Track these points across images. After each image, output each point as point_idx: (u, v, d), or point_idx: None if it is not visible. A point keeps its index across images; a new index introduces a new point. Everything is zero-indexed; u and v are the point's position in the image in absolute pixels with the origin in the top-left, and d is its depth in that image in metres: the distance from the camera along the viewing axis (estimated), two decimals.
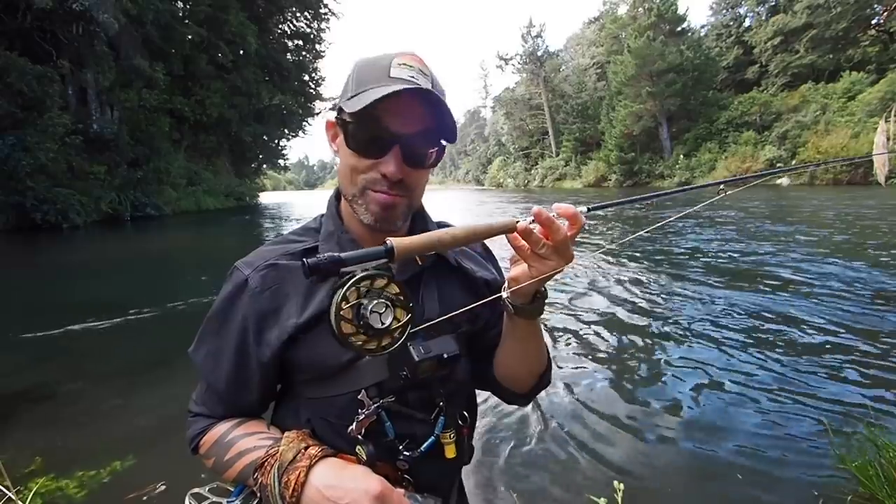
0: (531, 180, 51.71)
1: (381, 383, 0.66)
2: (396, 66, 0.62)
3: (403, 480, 0.67)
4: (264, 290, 0.66)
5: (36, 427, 2.62)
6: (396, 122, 0.62)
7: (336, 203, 0.75)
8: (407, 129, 0.62)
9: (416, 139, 0.63)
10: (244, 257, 0.71)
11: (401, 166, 0.63)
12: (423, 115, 0.63)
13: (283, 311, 0.66)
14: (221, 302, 0.69)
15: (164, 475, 2.08)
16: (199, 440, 0.68)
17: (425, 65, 0.65)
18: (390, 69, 0.61)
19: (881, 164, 2.54)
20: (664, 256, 7.18)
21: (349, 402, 0.66)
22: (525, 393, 0.81)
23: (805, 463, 2.10)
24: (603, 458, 2.21)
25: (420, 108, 0.63)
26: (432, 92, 0.61)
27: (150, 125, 19.21)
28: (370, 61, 0.64)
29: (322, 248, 0.70)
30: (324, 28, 33.67)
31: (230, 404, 0.69)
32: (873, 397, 2.64)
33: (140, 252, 10.42)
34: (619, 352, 3.49)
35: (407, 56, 0.63)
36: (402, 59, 0.62)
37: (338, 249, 0.68)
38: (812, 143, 25.44)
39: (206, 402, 0.70)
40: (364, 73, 0.64)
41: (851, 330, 3.70)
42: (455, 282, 0.76)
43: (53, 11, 14.21)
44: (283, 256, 0.69)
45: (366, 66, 0.64)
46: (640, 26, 36.62)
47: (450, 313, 0.68)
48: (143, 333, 4.37)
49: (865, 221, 9.77)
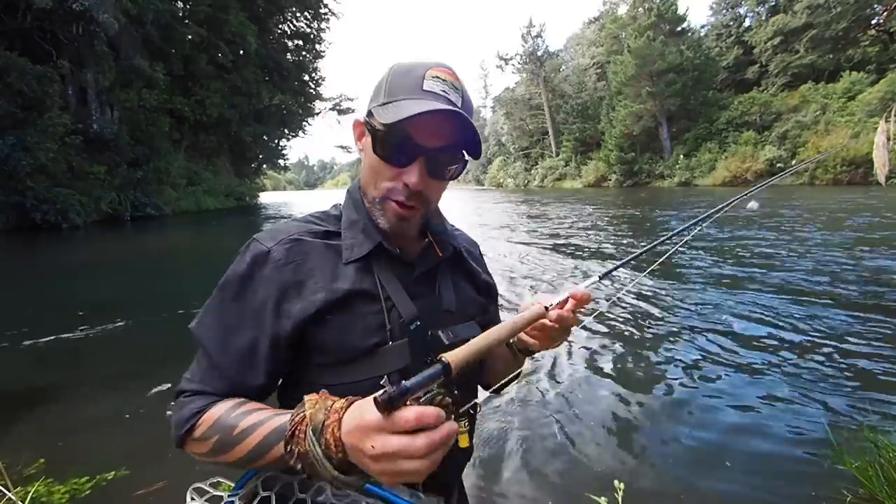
0: (531, 180, 51.70)
1: (403, 369, 0.66)
2: (430, 79, 0.63)
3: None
4: (288, 262, 0.66)
5: (36, 427, 2.62)
6: (423, 135, 0.63)
7: (359, 192, 0.75)
8: (433, 143, 0.64)
9: (440, 153, 0.65)
10: (261, 232, 0.71)
11: (423, 178, 0.65)
12: (450, 131, 0.64)
13: (308, 285, 0.66)
14: (236, 273, 0.66)
15: (166, 474, 2.08)
16: (197, 420, 0.61)
17: (458, 78, 0.66)
18: (423, 81, 0.63)
19: (881, 163, 2.54)
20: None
21: (370, 389, 0.64)
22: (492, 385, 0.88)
23: (805, 463, 2.10)
24: (603, 458, 2.21)
25: (448, 125, 0.64)
26: (461, 114, 0.62)
27: (150, 125, 19.21)
28: (404, 70, 0.66)
29: (345, 234, 0.71)
30: (324, 28, 33.71)
31: (236, 384, 0.64)
32: (873, 397, 2.64)
33: (140, 252, 10.42)
34: (620, 352, 3.49)
35: (440, 69, 0.65)
36: (435, 72, 0.64)
37: (363, 237, 0.70)
38: (812, 143, 25.44)
39: (206, 380, 0.64)
40: (397, 81, 0.65)
41: (851, 330, 3.70)
42: (465, 276, 0.82)
43: (53, 11, 14.22)
44: (307, 234, 0.70)
45: (400, 74, 0.66)
46: (640, 26, 36.61)
47: (464, 306, 0.76)
48: (143, 333, 4.37)
49: (866, 221, 9.77)
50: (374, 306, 0.67)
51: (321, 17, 32.83)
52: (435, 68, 0.64)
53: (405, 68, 0.66)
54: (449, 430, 0.44)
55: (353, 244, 0.70)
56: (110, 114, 17.58)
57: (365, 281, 0.68)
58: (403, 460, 0.43)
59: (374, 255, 0.70)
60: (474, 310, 0.79)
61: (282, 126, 32.83)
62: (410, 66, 0.66)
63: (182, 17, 22.71)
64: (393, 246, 0.71)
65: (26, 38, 14.53)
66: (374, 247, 0.70)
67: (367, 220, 0.72)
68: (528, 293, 5.23)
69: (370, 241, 0.70)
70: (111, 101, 17.62)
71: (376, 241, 0.70)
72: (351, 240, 0.71)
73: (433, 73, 0.64)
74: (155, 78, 18.68)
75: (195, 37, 22.30)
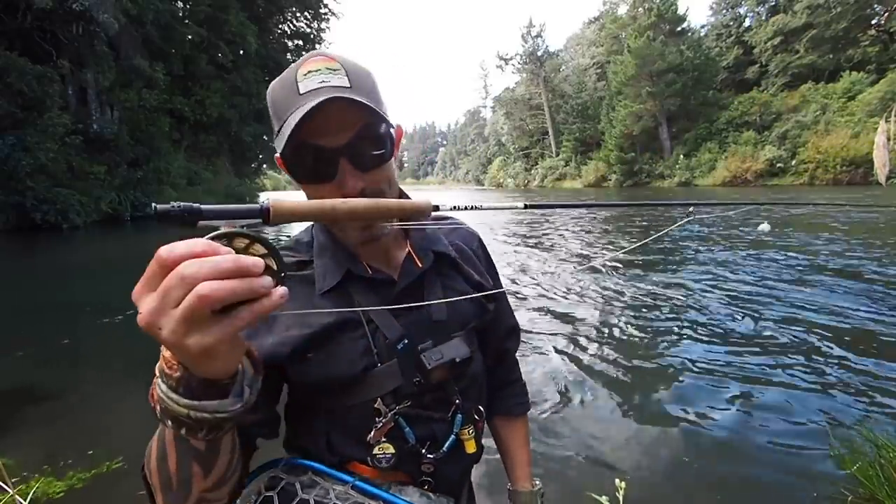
0: (531, 180, 51.74)
1: (396, 390, 0.66)
2: (303, 79, 0.58)
3: (425, 483, 0.67)
4: None
5: (37, 427, 2.62)
6: (326, 137, 0.57)
7: None
8: (343, 137, 0.57)
9: (357, 142, 0.58)
10: None
11: (357, 177, 0.59)
12: (353, 114, 0.57)
13: (280, 320, 0.63)
14: None
15: None
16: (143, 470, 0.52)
17: (333, 60, 0.59)
18: (297, 85, 0.57)
19: (881, 163, 2.54)
20: (662, 256, 7.18)
21: (366, 410, 0.65)
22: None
23: (805, 463, 2.10)
24: (604, 457, 2.21)
25: (346, 110, 0.57)
26: (344, 95, 0.55)
27: (150, 125, 19.19)
28: (279, 83, 0.60)
29: (317, 262, 0.68)
30: (324, 28, 33.64)
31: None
32: (873, 398, 2.64)
33: (140, 252, 10.36)
34: (621, 352, 3.49)
35: (311, 61, 0.59)
36: (306, 68, 0.58)
37: (333, 264, 0.67)
38: (812, 143, 25.47)
39: None
40: (277, 100, 0.60)
41: (851, 330, 3.70)
42: (458, 276, 0.75)
43: (53, 11, 14.21)
44: None
45: (276, 90, 0.61)
46: (640, 26, 36.66)
47: (457, 312, 0.72)
48: (143, 333, 4.35)
49: (863, 220, 9.77)
50: (357, 332, 0.65)
51: (321, 17, 32.80)
52: (305, 64, 0.59)
53: (279, 81, 0.60)
54: (236, 260, 0.34)
55: (324, 272, 0.66)
56: (110, 114, 17.57)
57: (343, 308, 0.64)
58: (174, 294, 0.33)
59: (348, 280, 0.66)
60: (469, 314, 0.74)
61: None
62: (284, 76, 0.60)
63: (182, 17, 22.71)
64: (367, 265, 0.68)
65: (26, 38, 14.52)
66: (344, 274, 0.66)
67: (334, 244, 0.69)
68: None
69: (340, 268, 0.66)
70: (111, 101, 17.60)
71: (345, 267, 0.66)
72: (322, 268, 0.67)
73: (303, 70, 0.58)
74: (155, 78, 18.66)
75: (195, 37, 22.29)
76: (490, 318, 0.78)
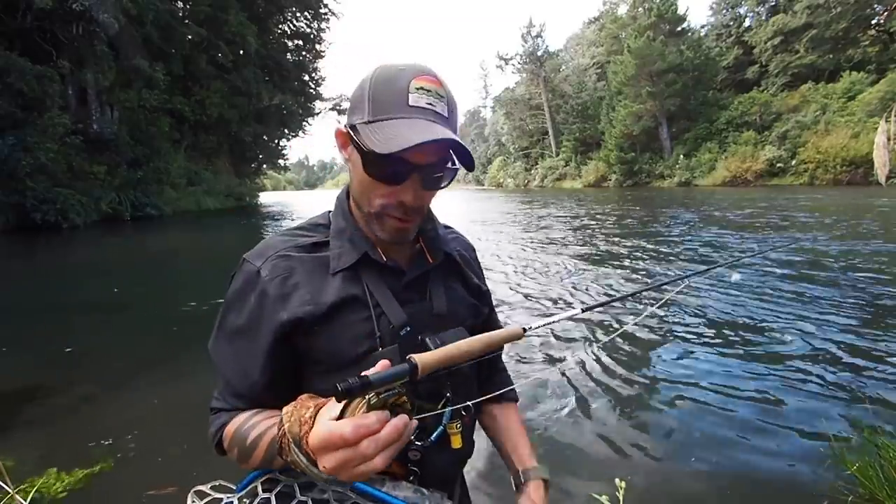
0: (531, 180, 51.71)
1: None
2: (415, 92, 0.61)
3: (411, 474, 0.68)
4: (274, 277, 0.68)
5: (37, 426, 2.62)
6: (416, 156, 0.62)
7: (346, 201, 0.76)
8: (425, 159, 0.63)
9: (433, 167, 0.65)
10: (252, 249, 0.73)
11: (418, 193, 0.65)
12: (442, 146, 0.63)
13: (293, 298, 0.67)
14: (233, 294, 0.70)
15: (168, 473, 2.08)
16: (221, 434, 0.68)
17: (441, 84, 0.64)
18: (409, 95, 0.61)
19: (881, 163, 2.54)
20: (662, 257, 7.18)
21: None
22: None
23: (805, 463, 2.10)
24: (605, 457, 2.21)
25: (440, 143, 0.62)
26: (453, 139, 0.61)
27: (150, 125, 19.22)
28: (386, 79, 0.63)
29: (333, 243, 0.72)
30: (324, 28, 33.67)
31: (248, 398, 0.68)
32: (873, 398, 2.64)
33: (140, 252, 10.42)
34: (621, 352, 3.49)
35: (424, 78, 0.62)
36: (419, 82, 0.62)
37: (349, 247, 0.71)
38: (812, 143, 25.47)
39: (225, 397, 0.70)
40: (380, 94, 0.63)
41: (851, 331, 3.70)
42: (459, 281, 0.82)
43: (53, 11, 14.22)
44: (293, 248, 0.71)
45: (382, 85, 0.63)
46: (640, 26, 36.66)
47: (456, 310, 0.77)
48: (143, 333, 4.37)
49: (863, 221, 9.77)
50: (363, 314, 0.69)
51: (321, 17, 32.80)
52: (418, 77, 0.62)
53: (386, 77, 0.63)
54: (394, 428, 0.47)
55: (340, 253, 0.71)
56: (110, 114, 17.59)
57: (353, 289, 0.69)
58: (356, 466, 0.47)
59: (362, 263, 0.71)
60: (466, 313, 0.79)
61: (282, 126, 32.82)
62: (392, 76, 0.63)
63: (182, 17, 22.72)
64: (382, 253, 0.72)
65: (26, 38, 14.53)
66: (360, 256, 0.70)
67: (353, 228, 0.73)
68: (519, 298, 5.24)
69: (356, 251, 0.71)
70: (111, 101, 17.62)
71: (362, 250, 0.70)
72: (338, 249, 0.71)
73: (417, 83, 0.61)
74: (155, 78, 18.67)
75: (195, 37, 22.29)
76: (483, 320, 0.84)
